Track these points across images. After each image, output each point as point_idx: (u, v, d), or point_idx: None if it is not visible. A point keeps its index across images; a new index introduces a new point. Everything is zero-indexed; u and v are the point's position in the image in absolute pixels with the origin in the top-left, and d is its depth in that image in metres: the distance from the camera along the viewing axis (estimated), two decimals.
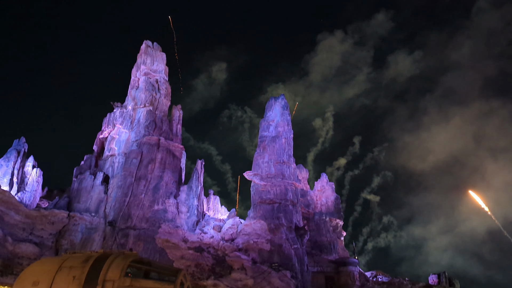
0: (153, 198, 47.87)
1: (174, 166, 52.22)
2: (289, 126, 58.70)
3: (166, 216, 47.55)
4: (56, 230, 42.32)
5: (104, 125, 55.65)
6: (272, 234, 48.82)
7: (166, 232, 45.71)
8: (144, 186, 48.14)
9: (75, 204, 47.30)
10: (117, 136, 53.77)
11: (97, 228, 44.25)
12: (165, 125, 54.84)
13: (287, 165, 55.01)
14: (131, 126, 53.65)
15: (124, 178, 47.79)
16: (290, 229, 50.60)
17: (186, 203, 50.89)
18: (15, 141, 50.02)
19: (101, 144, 56.08)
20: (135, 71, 58.79)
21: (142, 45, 60.09)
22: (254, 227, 49.52)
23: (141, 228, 45.23)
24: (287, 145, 56.73)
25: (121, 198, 46.34)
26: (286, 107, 60.48)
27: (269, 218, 50.47)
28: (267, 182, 53.31)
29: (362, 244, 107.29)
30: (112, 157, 52.35)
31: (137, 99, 55.25)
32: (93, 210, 46.52)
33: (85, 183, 49.04)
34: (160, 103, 56.29)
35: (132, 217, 45.38)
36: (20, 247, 38.21)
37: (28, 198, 47.13)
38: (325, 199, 66.69)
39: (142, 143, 50.98)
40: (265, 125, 59.06)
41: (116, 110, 55.58)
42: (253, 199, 53.33)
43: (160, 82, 58.06)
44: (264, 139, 57.63)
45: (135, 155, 49.66)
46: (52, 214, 42.59)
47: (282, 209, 51.59)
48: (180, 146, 54.68)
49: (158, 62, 59.24)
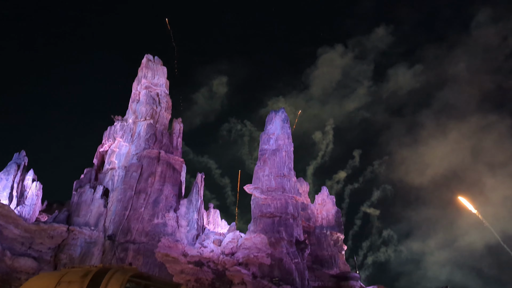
0: (153, 211, 47.64)
1: (174, 179, 52.09)
2: (289, 139, 58.72)
3: (165, 230, 47.25)
4: (55, 244, 41.99)
5: (105, 138, 55.68)
6: (273, 248, 48.44)
7: (166, 246, 45.36)
8: (144, 199, 47.95)
9: (74, 218, 47.04)
10: (118, 150, 53.76)
11: (97, 242, 43.93)
12: (165, 138, 54.88)
13: (287, 178, 54.85)
14: (131, 139, 53.68)
15: (124, 192, 47.62)
16: (291, 243, 50.22)
17: (186, 216, 50.63)
18: (15, 155, 49.97)
19: (101, 157, 56.03)
20: (136, 85, 59.06)
21: (143, 59, 60.51)
22: (255, 241, 49.15)
23: (140, 242, 44.90)
24: (287, 158, 56.66)
25: (120, 211, 46.12)
26: (286, 120, 60.59)
27: (269, 232, 50.13)
28: (267, 195, 53.09)
29: (362, 258, 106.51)
30: (112, 171, 52.25)
31: (137, 113, 55.40)
32: (93, 224, 46.25)
33: (85, 197, 48.84)
34: (161, 116, 56.42)
35: (131, 231, 45.10)
36: (18, 261, 37.87)
37: (28, 212, 46.88)
38: (325, 212, 66.36)
39: (142, 156, 50.94)
40: (265, 138, 59.08)
41: (117, 124, 55.67)
42: (254, 213, 53.05)
43: (161, 95, 58.30)
44: (264, 152, 57.59)
45: (135, 168, 49.58)
46: (51, 228, 42.31)
47: (282, 222, 51.28)
48: (180, 160, 54.63)
49: (159, 76, 59.57)
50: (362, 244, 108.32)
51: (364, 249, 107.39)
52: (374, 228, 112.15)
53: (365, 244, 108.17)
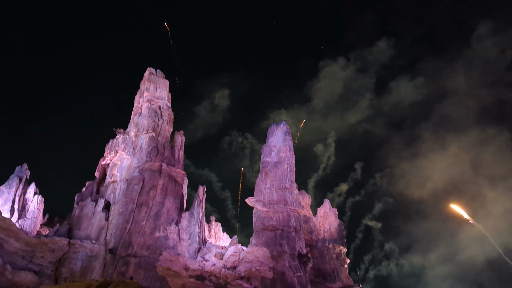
0: (154, 225, 47.43)
1: (176, 192, 51.96)
2: (291, 151, 58.68)
3: (167, 243, 46.98)
4: (56, 258, 41.76)
5: (107, 151, 55.72)
6: (275, 262, 48.07)
7: (167, 259, 45.06)
8: (145, 212, 47.78)
9: (75, 231, 46.85)
10: (119, 162, 53.74)
11: (98, 256, 43.67)
12: (167, 151, 54.89)
13: (289, 191, 54.67)
14: (133, 152, 53.71)
15: (126, 205, 47.49)
16: (293, 256, 49.84)
17: (188, 230, 50.38)
18: (17, 168, 50.02)
19: (103, 170, 55.99)
20: (138, 98, 59.32)
21: (146, 72, 60.89)
22: (257, 254, 48.80)
23: (142, 255, 44.63)
24: (289, 170, 56.55)
25: (122, 225, 45.93)
26: (288, 133, 60.64)
27: (271, 245, 49.79)
28: (269, 208, 52.86)
29: (364, 272, 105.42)
30: (114, 184, 52.18)
31: (139, 125, 55.53)
32: (94, 237, 46.02)
33: (86, 210, 48.70)
34: (163, 129, 56.55)
35: (133, 245, 44.85)
36: (19, 275, 37.65)
37: (29, 225, 46.74)
38: (328, 225, 65.92)
39: (144, 169, 50.92)
40: (267, 151, 59.04)
41: (119, 136, 55.76)
42: (255, 226, 52.77)
43: (163, 108, 58.51)
44: (266, 164, 57.51)
45: (137, 181, 49.52)
46: (52, 242, 42.13)
47: (285, 235, 50.97)
48: (182, 172, 54.54)
49: (161, 89, 59.87)
50: (364, 258, 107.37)
51: (365, 262, 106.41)
52: (376, 241, 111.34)
53: (367, 257, 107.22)
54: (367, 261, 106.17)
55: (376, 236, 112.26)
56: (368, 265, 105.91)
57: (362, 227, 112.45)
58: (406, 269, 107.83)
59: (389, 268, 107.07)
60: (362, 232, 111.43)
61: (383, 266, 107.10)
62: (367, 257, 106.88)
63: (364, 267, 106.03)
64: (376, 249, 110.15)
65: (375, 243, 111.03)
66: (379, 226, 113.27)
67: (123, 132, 56.72)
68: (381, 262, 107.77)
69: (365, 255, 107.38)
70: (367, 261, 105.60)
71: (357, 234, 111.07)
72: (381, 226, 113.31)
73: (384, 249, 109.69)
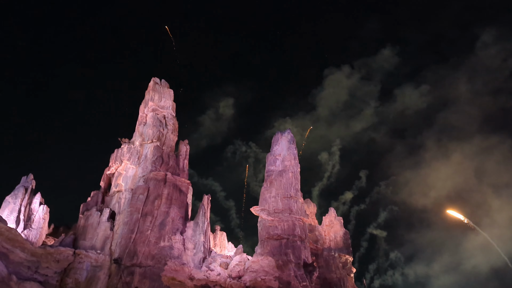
0: (159, 234, 47.38)
1: (181, 201, 51.96)
2: (296, 160, 58.63)
3: (172, 253, 46.88)
4: (61, 268, 41.74)
5: (112, 161, 55.93)
6: (280, 271, 47.82)
7: (172, 269, 44.94)
8: (150, 222, 47.75)
9: (81, 241, 46.85)
10: (124, 172, 53.89)
11: (103, 266, 43.60)
12: (172, 160, 55.02)
13: (294, 200, 54.53)
14: (138, 161, 53.87)
15: (131, 214, 47.51)
16: (299, 265, 49.56)
17: (193, 239, 50.28)
18: (23, 178, 50.20)
19: (108, 180, 56.16)
20: (143, 108, 59.65)
21: (150, 82, 61.32)
22: (262, 263, 48.58)
23: (147, 265, 44.53)
24: (294, 179, 56.45)
25: (127, 234, 45.91)
26: (292, 141, 60.64)
27: (277, 254, 49.57)
28: (274, 217, 52.71)
29: (369, 282, 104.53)
30: (119, 193, 52.28)
31: (144, 135, 55.76)
32: (99, 247, 46.00)
33: (91, 220, 48.73)
34: (167, 138, 56.75)
35: (138, 254, 44.78)
36: (24, 286, 37.61)
37: (34, 236, 46.83)
38: (333, 234, 65.57)
39: (149, 178, 51.00)
40: (271, 159, 59.02)
41: (124, 146, 56.00)
42: (260, 235, 52.60)
43: (168, 118, 58.78)
44: (271, 173, 57.46)
45: (142, 190, 49.58)
46: (58, 252, 42.13)
47: (290, 245, 50.75)
48: (187, 181, 54.60)
49: (166, 99, 60.21)
50: (369, 267, 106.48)
51: (370, 272, 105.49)
52: (381, 250, 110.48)
53: (372, 266, 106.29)
54: (372, 270, 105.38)
55: (381, 245, 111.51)
56: (373, 274, 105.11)
57: (367, 236, 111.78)
58: (411, 278, 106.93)
59: (394, 277, 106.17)
60: (367, 240, 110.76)
61: (388, 275, 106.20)
62: (372, 266, 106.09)
63: (369, 276, 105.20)
64: (381, 258, 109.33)
65: (380, 252, 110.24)
66: (384, 235, 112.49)
67: (128, 142, 56.98)
68: (386, 272, 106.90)
69: (370, 264, 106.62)
70: (372, 270, 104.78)
71: (362, 243, 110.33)
72: (386, 234, 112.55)
73: (390, 258, 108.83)
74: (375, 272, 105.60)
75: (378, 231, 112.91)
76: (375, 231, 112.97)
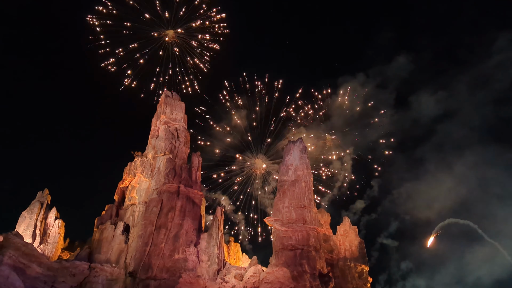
0: (173, 246, 47.38)
1: (194, 213, 51.98)
2: (308, 169, 58.31)
3: (186, 265, 46.79)
4: (77, 283, 41.92)
5: (125, 174, 56.35)
6: (296, 282, 47.32)
7: (187, 282, 44.81)
8: (164, 234, 47.80)
9: (96, 254, 47.07)
10: (138, 185, 54.21)
11: (118, 280, 43.68)
12: (184, 172, 55.19)
13: (308, 210, 54.12)
14: (151, 174, 54.16)
15: (145, 227, 47.64)
16: (314, 276, 48.98)
17: (207, 251, 50.15)
18: (39, 193, 50.87)
19: (122, 193, 56.51)
20: (155, 121, 60.17)
21: (162, 95, 61.94)
22: (277, 275, 48.16)
23: (161, 278, 44.48)
24: (307, 189, 56.09)
25: (141, 247, 46.00)
26: (304, 151, 60.40)
27: (291, 265, 49.12)
28: (288, 227, 52.35)
29: None
30: (132, 206, 52.54)
31: (157, 148, 56.14)
32: (114, 260, 46.15)
33: (106, 233, 48.99)
34: (180, 151, 57.02)
35: (152, 267, 44.79)
36: None
37: (50, 250, 47.24)
38: (348, 243, 64.82)
39: (162, 191, 51.19)
40: (284, 169, 58.81)
41: (137, 159, 56.43)
42: (275, 246, 52.22)
43: (180, 130, 59.14)
44: (283, 183, 57.20)
45: (155, 203, 49.75)
46: (73, 266, 42.37)
47: (305, 255, 50.26)
48: (200, 193, 54.66)
49: (177, 111, 60.65)
50: (379, 278, 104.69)
51: (381, 283, 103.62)
52: (392, 260, 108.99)
53: (382, 277, 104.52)
54: (382, 281, 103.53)
55: (392, 255, 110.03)
56: (383, 285, 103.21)
57: (378, 246, 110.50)
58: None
59: None
60: (378, 250, 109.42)
61: (399, 286, 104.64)
62: (382, 277, 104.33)
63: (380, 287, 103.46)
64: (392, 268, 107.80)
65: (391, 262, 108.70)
66: (396, 245, 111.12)
67: (141, 155, 57.41)
68: (397, 283, 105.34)
69: (380, 275, 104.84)
70: (383, 281, 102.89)
71: (373, 253, 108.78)
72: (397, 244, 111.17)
73: (401, 268, 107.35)
74: (385, 284, 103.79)
75: (389, 241, 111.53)
76: (385, 241, 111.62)
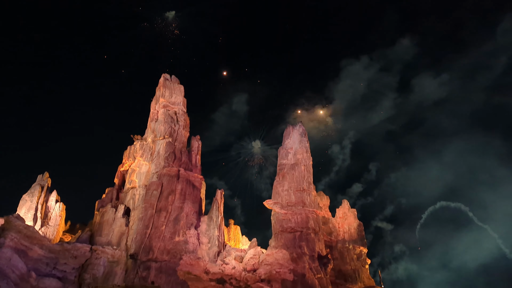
0: (174, 229, 47.77)
1: (194, 196, 52.27)
2: (308, 153, 58.45)
3: (187, 248, 47.26)
4: (78, 264, 42.38)
5: (125, 158, 56.44)
6: (295, 264, 47.90)
7: (188, 263, 45.33)
8: (164, 217, 48.16)
9: (97, 237, 47.52)
10: (138, 169, 54.37)
11: (119, 261, 44.16)
12: (184, 156, 55.28)
13: (307, 193, 54.45)
14: (151, 158, 54.26)
15: (145, 210, 47.97)
16: (313, 258, 49.59)
17: (207, 233, 50.59)
18: (39, 176, 51.00)
19: (122, 176, 56.71)
20: (154, 104, 59.96)
21: (161, 78, 61.51)
22: (276, 256, 48.71)
23: (162, 260, 44.98)
24: (306, 172, 56.33)
25: (142, 230, 46.39)
26: (304, 134, 60.44)
27: (291, 247, 49.65)
28: (287, 210, 52.74)
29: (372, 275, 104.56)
30: (133, 189, 52.78)
31: (156, 131, 56.10)
32: (115, 243, 46.59)
33: (107, 216, 49.36)
34: (179, 134, 56.99)
35: (153, 249, 45.24)
36: (43, 282, 38.29)
37: (51, 233, 47.62)
38: (347, 226, 65.39)
39: (162, 174, 51.37)
40: (283, 153, 58.94)
41: (137, 143, 56.45)
42: (274, 228, 52.70)
43: (179, 114, 58.99)
44: (283, 167, 57.41)
45: (156, 186, 49.98)
46: (75, 248, 42.77)
47: (304, 237, 50.77)
48: (200, 177, 54.84)
49: (176, 95, 60.37)
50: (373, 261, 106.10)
51: (374, 265, 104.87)
52: (386, 244, 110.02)
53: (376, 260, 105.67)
54: (375, 264, 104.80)
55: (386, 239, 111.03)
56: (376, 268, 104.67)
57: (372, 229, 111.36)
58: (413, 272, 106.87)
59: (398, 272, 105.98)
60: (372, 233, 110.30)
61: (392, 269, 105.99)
62: (376, 260, 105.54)
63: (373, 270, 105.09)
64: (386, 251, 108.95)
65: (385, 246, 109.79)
66: (391, 228, 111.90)
67: (141, 139, 57.40)
68: (389, 266, 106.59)
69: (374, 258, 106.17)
70: (376, 264, 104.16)
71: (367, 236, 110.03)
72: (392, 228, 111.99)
73: (394, 251, 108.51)
74: (378, 266, 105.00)
75: (384, 224, 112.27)
76: (380, 224, 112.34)
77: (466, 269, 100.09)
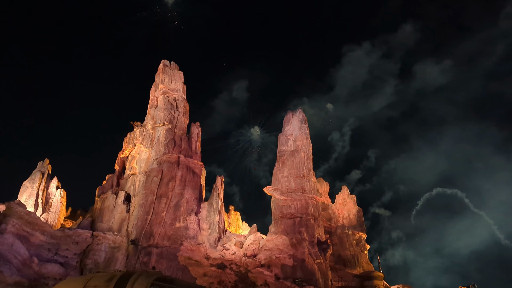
0: (174, 215, 48.08)
1: (194, 183, 52.47)
2: (308, 139, 58.48)
3: (187, 233, 47.63)
4: (80, 250, 42.82)
5: (125, 144, 56.52)
6: (294, 249, 48.32)
7: (188, 249, 45.74)
8: (165, 203, 48.43)
9: (98, 223, 47.87)
10: (138, 155, 54.48)
11: (120, 247, 44.59)
12: (184, 142, 55.32)
13: (307, 179, 54.65)
14: (151, 144, 54.33)
15: (146, 197, 48.22)
16: (313, 243, 50.01)
17: (207, 219, 50.94)
18: (39, 163, 51.14)
19: (122, 163, 56.87)
20: (153, 90, 59.77)
21: (160, 65, 61.16)
22: (276, 242, 49.12)
23: (163, 246, 45.38)
24: (306, 158, 56.44)
25: (143, 216, 46.71)
26: (304, 121, 60.36)
27: (290, 232, 50.03)
28: (287, 196, 53.00)
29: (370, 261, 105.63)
30: (133, 176, 52.97)
31: (156, 118, 56.04)
32: (116, 229, 46.97)
33: (108, 202, 49.66)
34: (179, 121, 56.92)
35: (154, 235, 45.62)
36: (46, 267, 38.74)
37: (53, 219, 47.95)
38: (347, 212, 65.80)
39: (162, 161, 51.49)
40: (283, 140, 58.97)
41: (136, 130, 56.45)
42: (274, 214, 53.03)
43: (178, 100, 58.83)
44: (282, 153, 57.49)
45: (156, 173, 50.14)
46: (76, 234, 43.16)
47: (303, 223, 51.11)
48: (200, 163, 54.96)
49: (176, 81, 60.12)
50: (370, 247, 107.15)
51: (372, 252, 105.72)
52: (383, 230, 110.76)
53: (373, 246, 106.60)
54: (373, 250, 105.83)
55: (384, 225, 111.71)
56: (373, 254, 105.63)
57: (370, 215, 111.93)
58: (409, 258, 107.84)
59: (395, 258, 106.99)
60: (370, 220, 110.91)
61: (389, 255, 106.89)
62: (373, 246, 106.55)
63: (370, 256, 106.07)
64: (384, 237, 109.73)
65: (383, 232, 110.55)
66: (389, 215, 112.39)
67: (140, 125, 57.38)
68: (386, 252, 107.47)
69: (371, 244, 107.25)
70: (373, 250, 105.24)
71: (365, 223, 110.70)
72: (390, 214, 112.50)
73: (392, 237, 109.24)
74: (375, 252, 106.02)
75: (382, 211, 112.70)
76: (378, 210, 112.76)
77: (458, 255, 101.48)
